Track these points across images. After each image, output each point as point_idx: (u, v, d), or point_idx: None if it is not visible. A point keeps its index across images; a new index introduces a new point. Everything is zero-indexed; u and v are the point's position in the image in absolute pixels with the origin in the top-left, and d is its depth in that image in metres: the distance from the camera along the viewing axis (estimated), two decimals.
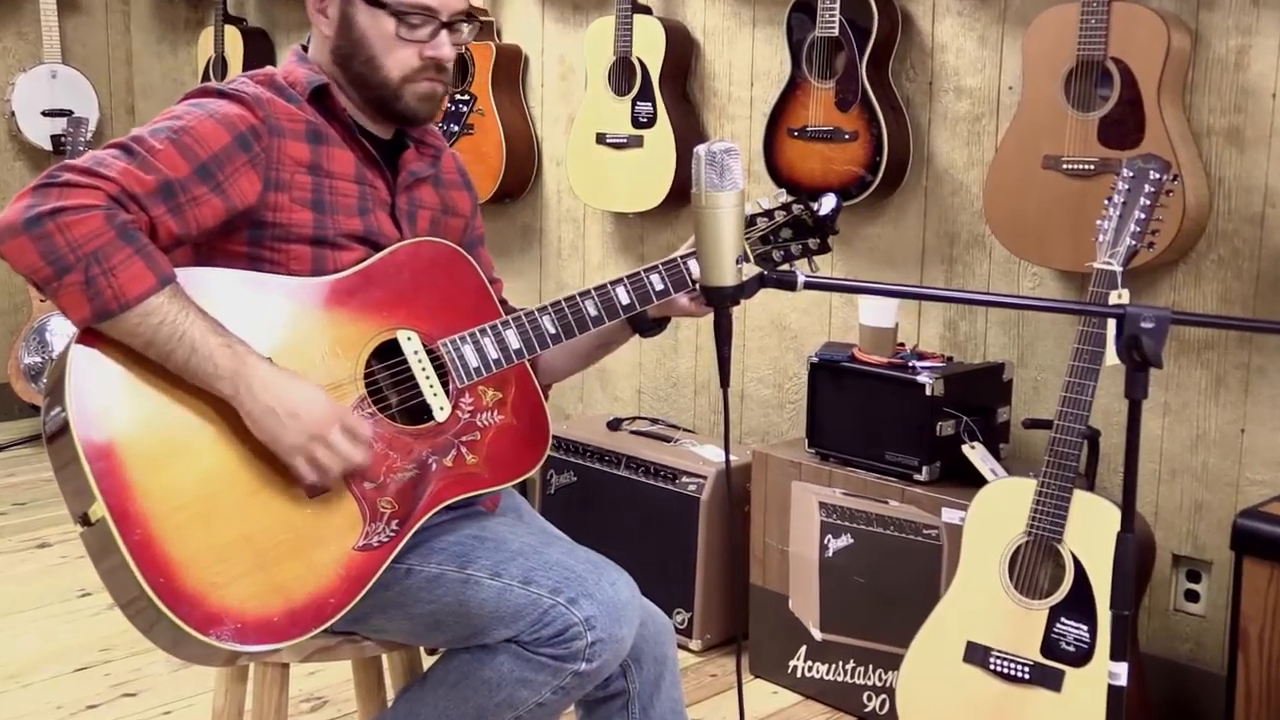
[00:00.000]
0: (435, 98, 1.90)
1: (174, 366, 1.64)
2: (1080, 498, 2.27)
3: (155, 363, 1.65)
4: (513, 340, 1.87)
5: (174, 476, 1.63)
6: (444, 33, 1.87)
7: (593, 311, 1.90)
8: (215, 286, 1.72)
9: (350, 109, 1.90)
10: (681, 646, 3.10)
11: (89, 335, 1.64)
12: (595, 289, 1.91)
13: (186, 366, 1.64)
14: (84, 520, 1.60)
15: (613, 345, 2.09)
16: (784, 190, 2.02)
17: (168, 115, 1.77)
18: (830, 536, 2.88)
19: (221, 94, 1.80)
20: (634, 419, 3.56)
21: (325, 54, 1.90)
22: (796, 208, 1.98)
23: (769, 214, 1.98)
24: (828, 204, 1.98)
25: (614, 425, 3.48)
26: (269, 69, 1.90)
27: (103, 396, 1.62)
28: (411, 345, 1.83)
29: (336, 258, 1.83)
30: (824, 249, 2.00)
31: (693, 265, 1.90)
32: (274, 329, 1.75)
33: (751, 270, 1.65)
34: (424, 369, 1.83)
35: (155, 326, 1.62)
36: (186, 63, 5.24)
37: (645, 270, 1.93)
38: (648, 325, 2.03)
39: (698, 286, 1.88)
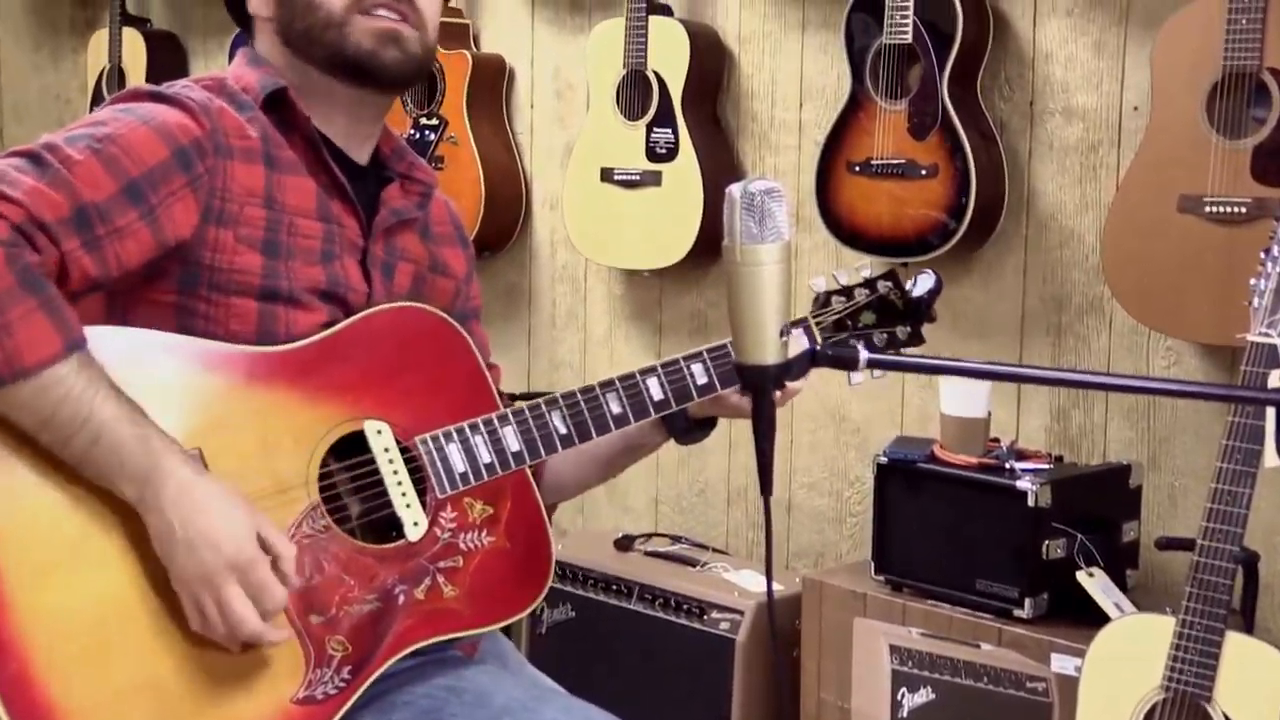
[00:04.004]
0: (399, 40, 1.89)
1: (70, 455, 1.65)
2: (1234, 641, 2.27)
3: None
4: (511, 440, 1.88)
5: (67, 594, 1.63)
6: None
7: (616, 409, 1.91)
8: (132, 353, 1.73)
9: (318, 118, 1.91)
10: None
11: None
12: (621, 379, 1.92)
13: (86, 457, 1.65)
14: None
15: (640, 451, 2.10)
16: (868, 263, 2.04)
17: (89, 121, 1.78)
18: (905, 690, 2.87)
19: (158, 97, 1.82)
20: (649, 536, 3.57)
21: (274, 44, 1.92)
22: (883, 285, 2.00)
23: (847, 292, 2.00)
24: (924, 283, 2.00)
25: (624, 544, 3.48)
26: (218, 73, 1.92)
27: None
28: (382, 440, 1.84)
29: (290, 318, 1.83)
30: (916, 340, 2.02)
31: None
32: (203, 411, 1.75)
33: (799, 344, 1.67)
34: (396, 472, 1.84)
35: (55, 404, 1.62)
36: (73, 75, 5.31)
37: (685, 358, 1.94)
38: (686, 427, 2.03)
39: None
